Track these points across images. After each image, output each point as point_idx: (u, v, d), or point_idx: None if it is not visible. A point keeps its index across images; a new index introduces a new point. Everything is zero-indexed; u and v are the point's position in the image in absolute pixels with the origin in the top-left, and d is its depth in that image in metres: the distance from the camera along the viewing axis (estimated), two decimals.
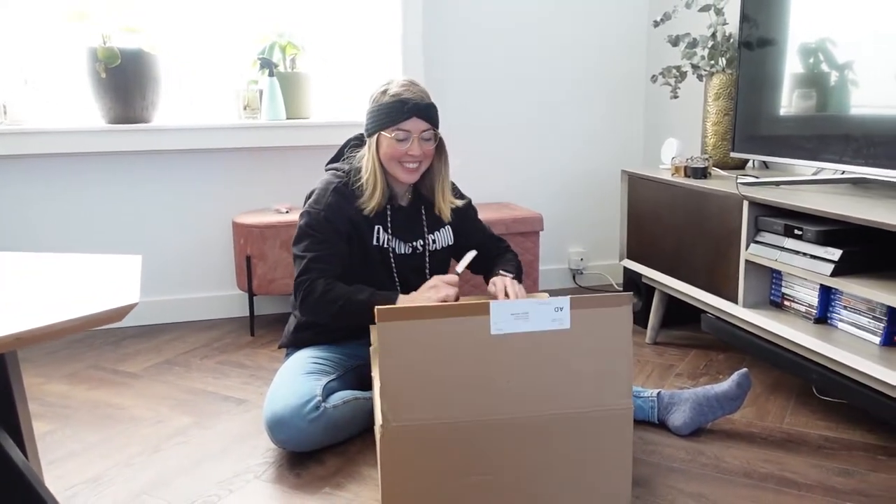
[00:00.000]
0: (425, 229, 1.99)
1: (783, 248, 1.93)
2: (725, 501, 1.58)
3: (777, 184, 2.13)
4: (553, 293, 3.20)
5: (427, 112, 1.85)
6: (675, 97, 2.65)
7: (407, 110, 1.82)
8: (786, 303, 2.01)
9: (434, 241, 2.00)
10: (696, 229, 2.26)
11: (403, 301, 1.79)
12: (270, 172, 2.92)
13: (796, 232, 1.89)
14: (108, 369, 2.42)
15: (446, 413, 1.43)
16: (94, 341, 2.69)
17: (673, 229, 2.39)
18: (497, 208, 2.97)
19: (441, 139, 1.91)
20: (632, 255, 2.66)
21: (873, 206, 1.79)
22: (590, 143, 3.27)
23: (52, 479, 1.71)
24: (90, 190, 2.77)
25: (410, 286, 1.90)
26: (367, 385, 1.90)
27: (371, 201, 1.87)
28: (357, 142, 2.00)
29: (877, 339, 1.74)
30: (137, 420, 2.03)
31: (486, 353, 1.41)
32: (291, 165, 2.92)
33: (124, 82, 2.62)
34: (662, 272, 2.46)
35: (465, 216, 2.08)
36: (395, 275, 1.94)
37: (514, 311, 1.40)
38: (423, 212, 2.00)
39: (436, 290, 1.79)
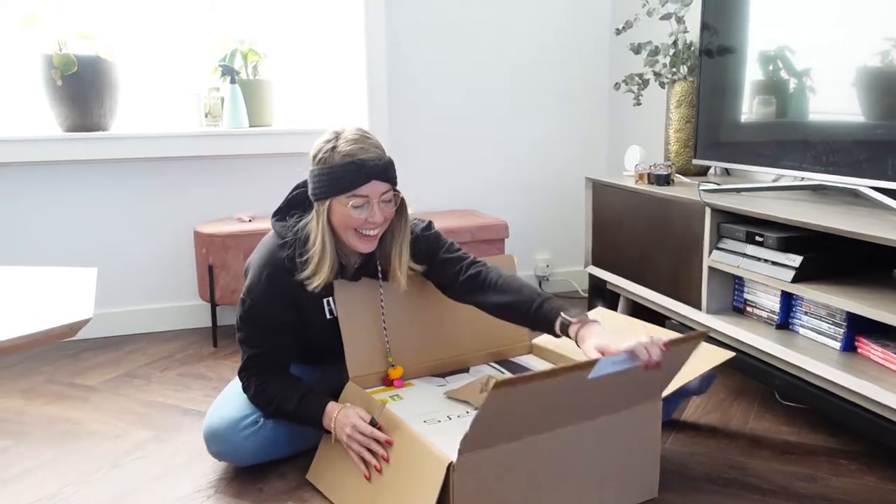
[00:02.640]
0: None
1: (745, 254, 1.95)
2: None
3: (738, 191, 2.16)
4: None
5: (386, 172, 1.58)
6: (638, 104, 2.67)
7: (364, 174, 1.54)
8: (748, 309, 2.03)
9: None
10: (660, 236, 2.27)
11: (333, 410, 1.60)
12: (232, 181, 2.88)
13: (757, 239, 1.91)
14: (65, 383, 2.36)
15: (519, 434, 1.39)
16: (52, 354, 2.62)
17: (637, 236, 2.40)
18: (462, 215, 2.97)
19: (402, 199, 1.64)
20: (597, 262, 2.67)
21: (832, 213, 1.81)
22: (554, 150, 3.29)
23: (6, 498, 1.66)
24: (46, 200, 2.70)
25: None
26: None
27: (317, 278, 1.59)
28: (305, 190, 1.69)
29: (837, 345, 1.77)
30: (95, 435, 1.98)
31: (575, 391, 1.36)
32: (254, 173, 2.89)
33: (81, 90, 2.57)
34: (627, 279, 2.48)
35: (430, 254, 1.75)
36: None
37: (615, 361, 1.34)
38: (378, 269, 1.74)
39: (349, 444, 1.55)
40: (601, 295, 2.76)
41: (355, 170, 1.54)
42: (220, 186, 2.87)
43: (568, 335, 1.53)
